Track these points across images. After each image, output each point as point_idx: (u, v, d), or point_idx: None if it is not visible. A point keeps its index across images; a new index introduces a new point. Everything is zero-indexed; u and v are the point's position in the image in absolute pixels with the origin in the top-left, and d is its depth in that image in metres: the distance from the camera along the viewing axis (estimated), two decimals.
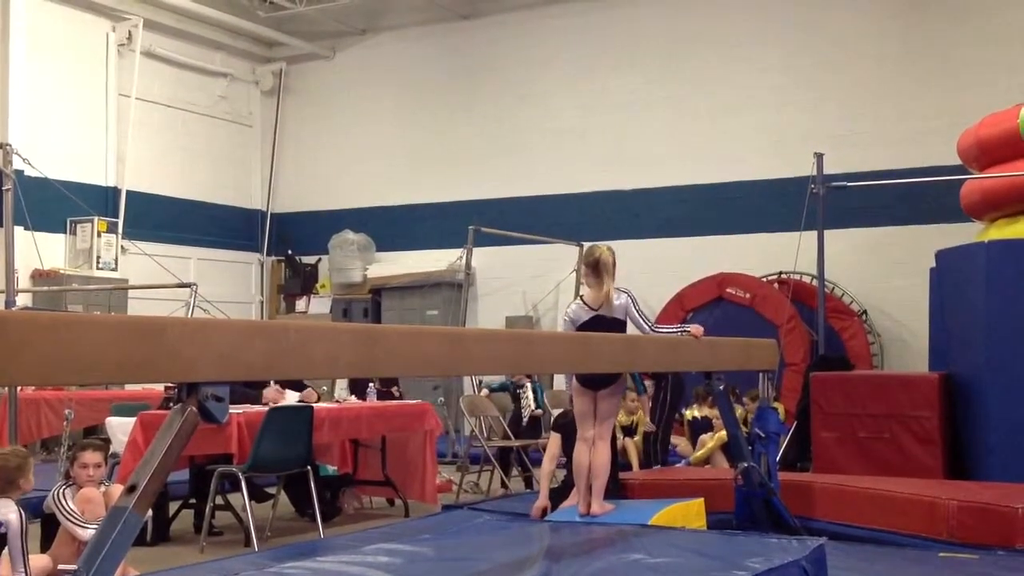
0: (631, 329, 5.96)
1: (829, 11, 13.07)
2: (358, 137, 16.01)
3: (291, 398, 7.84)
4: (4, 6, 12.72)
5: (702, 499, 6.25)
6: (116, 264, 13.60)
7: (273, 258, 16.63)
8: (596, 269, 5.94)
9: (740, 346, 6.23)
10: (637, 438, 8.11)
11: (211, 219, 15.60)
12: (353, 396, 9.23)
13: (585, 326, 5.84)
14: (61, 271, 13.05)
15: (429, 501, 8.08)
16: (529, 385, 10.05)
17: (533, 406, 9.89)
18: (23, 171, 9.42)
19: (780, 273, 12.14)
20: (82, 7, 13.86)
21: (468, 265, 11.78)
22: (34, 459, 8.66)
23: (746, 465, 6.03)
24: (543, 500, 6.59)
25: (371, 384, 8.95)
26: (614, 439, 6.58)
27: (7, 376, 2.23)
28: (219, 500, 6.99)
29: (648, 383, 8.29)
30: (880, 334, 12.34)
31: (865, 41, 12.82)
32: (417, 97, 15.67)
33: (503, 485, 9.27)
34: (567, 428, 6.72)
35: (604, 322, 5.81)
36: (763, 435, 6.12)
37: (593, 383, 5.95)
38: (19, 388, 8.19)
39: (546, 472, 6.78)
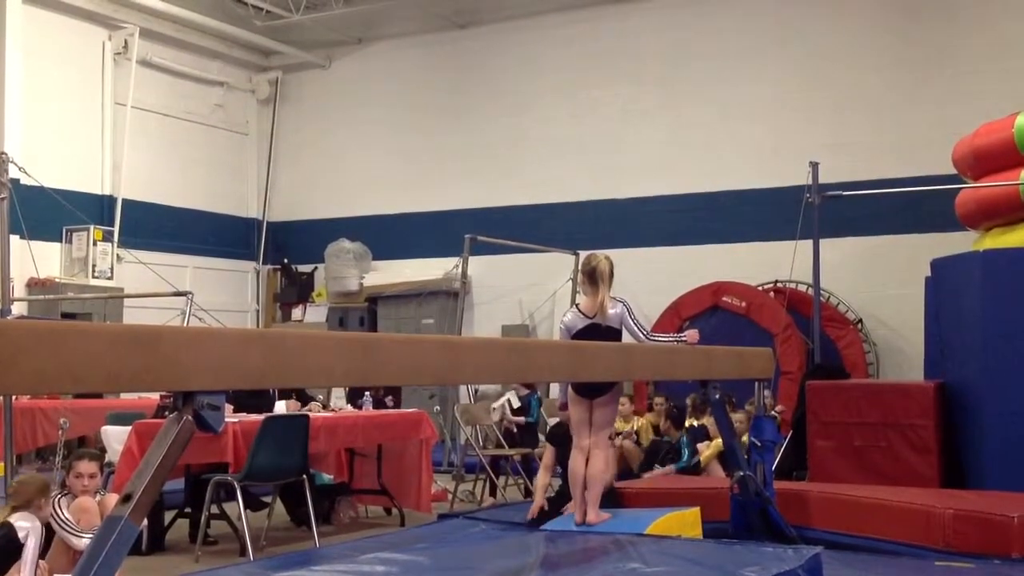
0: (627, 338, 5.97)
1: (824, 21, 13.12)
2: (354, 146, 16.03)
3: (279, 408, 7.85)
4: (0, 15, 12.72)
5: (698, 508, 6.24)
6: (112, 273, 13.59)
7: (269, 267, 16.64)
8: (592, 277, 5.97)
9: (736, 355, 6.23)
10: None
11: (207, 228, 15.60)
12: (349, 405, 9.24)
13: (580, 334, 5.86)
14: (57, 280, 13.03)
15: (424, 510, 8.07)
16: (512, 394, 10.02)
17: (509, 414, 9.82)
18: (19, 180, 9.41)
19: (776, 282, 12.14)
20: (78, 16, 13.87)
21: (464, 274, 11.76)
22: (30, 467, 8.68)
23: (742, 474, 6.02)
24: (537, 505, 6.60)
25: (367, 393, 8.95)
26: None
27: (2, 385, 2.22)
28: (215, 509, 6.97)
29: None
30: (876, 343, 12.35)
31: (860, 51, 12.85)
32: (413, 106, 15.69)
33: (491, 493, 9.26)
34: (561, 439, 6.72)
35: (599, 331, 5.83)
36: (759, 444, 6.12)
37: (589, 391, 5.96)
38: (14, 397, 8.16)
39: (541, 484, 6.78)
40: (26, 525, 5.08)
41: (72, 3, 13.64)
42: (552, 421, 9.23)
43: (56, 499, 5.49)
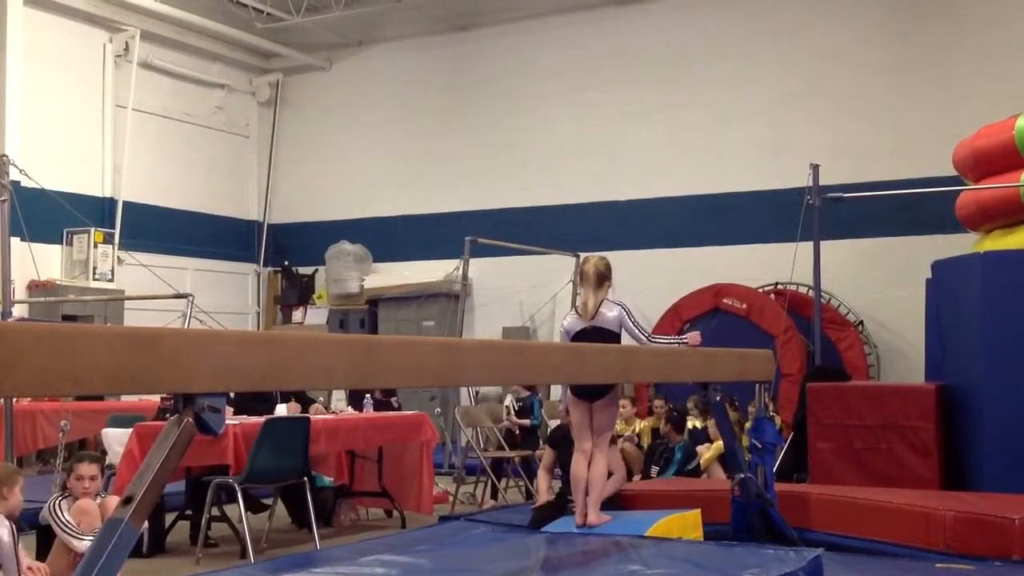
0: (629, 340, 5.96)
1: (825, 22, 13.12)
2: (355, 148, 16.04)
3: (280, 411, 7.85)
4: (1, 17, 12.73)
5: (699, 510, 6.25)
6: (112, 275, 13.60)
7: (270, 269, 16.64)
8: (584, 280, 5.98)
9: (736, 357, 6.23)
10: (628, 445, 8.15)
11: (208, 230, 15.61)
12: (350, 407, 9.23)
13: (577, 337, 5.85)
14: (57, 282, 13.04)
15: (425, 512, 8.07)
16: (510, 396, 10.05)
17: (513, 417, 9.83)
18: (20, 182, 9.42)
19: (776, 284, 12.14)
20: (79, 18, 13.88)
21: (465, 276, 11.77)
22: (31, 470, 8.66)
23: (743, 476, 6.03)
24: (545, 498, 6.62)
25: (368, 395, 8.94)
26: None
27: (3, 387, 2.22)
28: (215, 511, 6.96)
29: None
30: (876, 345, 12.34)
31: (861, 52, 12.86)
32: (413, 108, 15.69)
33: (492, 496, 9.26)
34: (562, 441, 6.72)
35: (596, 333, 5.80)
36: (760, 446, 6.12)
37: (588, 395, 5.95)
38: (15, 399, 8.17)
39: (544, 486, 6.79)
40: None
41: (73, 5, 13.65)
42: (553, 423, 9.24)
43: (57, 501, 5.50)
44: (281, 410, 7.86)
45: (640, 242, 13.58)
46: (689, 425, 9.20)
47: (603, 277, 5.95)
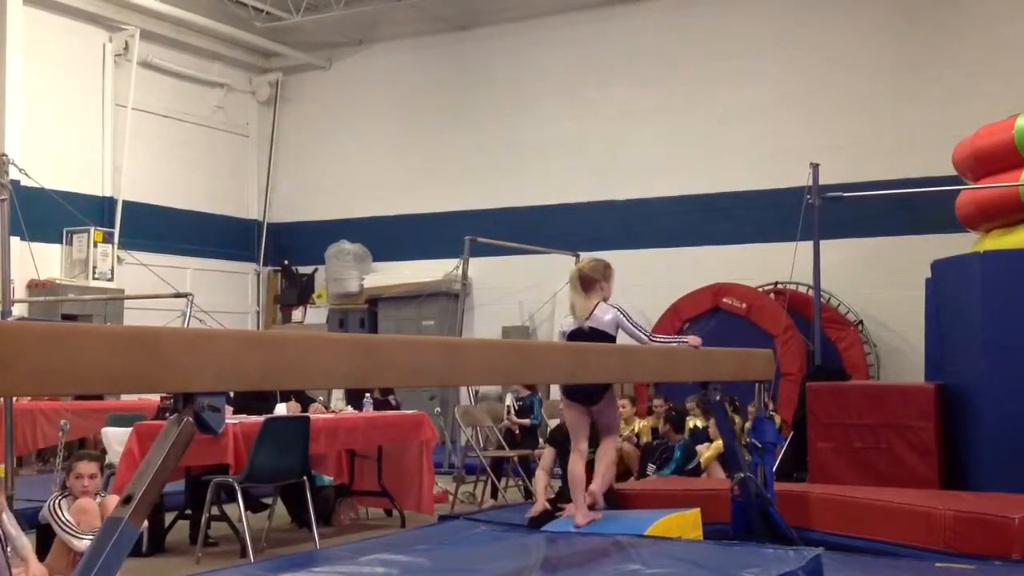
0: (629, 342, 5.94)
1: (824, 22, 13.12)
2: (354, 147, 16.04)
3: (279, 410, 7.85)
4: (1, 17, 12.73)
5: (698, 509, 6.24)
6: (112, 274, 13.60)
7: (269, 268, 16.64)
8: (571, 284, 5.97)
9: (736, 356, 6.23)
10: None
11: (207, 229, 15.61)
12: (349, 407, 9.23)
13: (572, 338, 5.83)
14: (57, 281, 13.03)
15: (425, 511, 8.07)
16: (510, 395, 10.07)
17: (514, 417, 9.85)
18: (19, 181, 9.41)
19: (776, 283, 12.14)
20: (79, 18, 13.88)
21: (464, 275, 11.78)
22: (30, 469, 8.66)
23: (743, 475, 6.03)
24: (540, 506, 6.59)
25: (367, 395, 8.95)
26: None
27: (3, 387, 2.22)
28: (215, 511, 6.97)
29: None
30: (876, 344, 12.35)
31: (860, 51, 12.86)
32: (413, 108, 15.70)
33: (492, 495, 9.26)
34: (562, 441, 6.71)
35: (590, 334, 5.78)
36: (759, 445, 6.12)
37: (585, 399, 5.94)
38: (15, 398, 8.16)
39: (542, 486, 6.78)
40: None
41: (73, 5, 13.65)
42: (553, 423, 9.24)
43: (56, 500, 5.50)
44: (281, 409, 7.86)
45: (640, 242, 13.58)
46: (690, 424, 9.21)
47: (589, 281, 5.88)
